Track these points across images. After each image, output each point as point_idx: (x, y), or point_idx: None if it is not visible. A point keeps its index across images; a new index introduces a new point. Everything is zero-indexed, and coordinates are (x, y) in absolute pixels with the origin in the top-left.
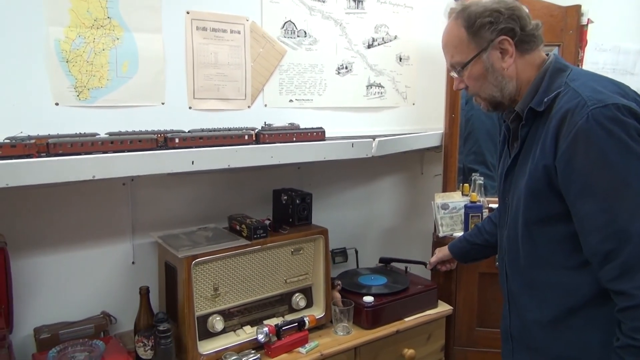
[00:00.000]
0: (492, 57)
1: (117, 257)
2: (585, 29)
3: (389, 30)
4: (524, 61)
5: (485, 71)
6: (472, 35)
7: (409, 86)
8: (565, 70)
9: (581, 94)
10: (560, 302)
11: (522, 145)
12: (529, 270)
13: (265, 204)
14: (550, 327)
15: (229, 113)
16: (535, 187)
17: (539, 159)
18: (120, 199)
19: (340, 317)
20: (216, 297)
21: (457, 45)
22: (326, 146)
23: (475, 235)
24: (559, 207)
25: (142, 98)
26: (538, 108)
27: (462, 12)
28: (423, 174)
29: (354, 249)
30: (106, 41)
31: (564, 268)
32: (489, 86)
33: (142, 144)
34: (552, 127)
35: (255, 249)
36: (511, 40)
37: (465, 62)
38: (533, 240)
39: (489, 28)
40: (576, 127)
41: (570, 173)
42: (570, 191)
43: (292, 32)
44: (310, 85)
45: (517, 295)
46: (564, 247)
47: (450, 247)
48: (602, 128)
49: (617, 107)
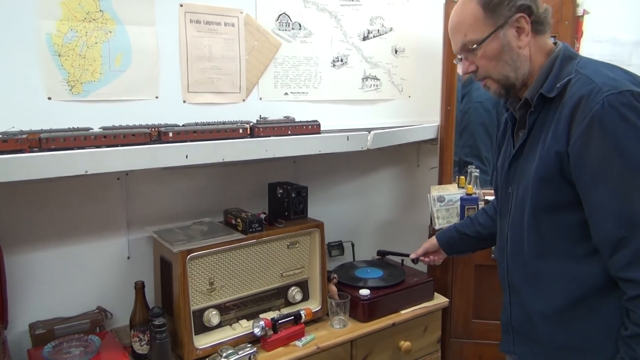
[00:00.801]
0: (509, 34)
1: (113, 252)
2: (580, 20)
3: (384, 22)
4: (536, 43)
5: (502, 49)
6: (489, 12)
7: (404, 79)
8: (575, 58)
9: (594, 80)
10: (564, 293)
11: (529, 133)
12: (533, 260)
13: (260, 197)
14: (554, 317)
15: (224, 107)
16: (546, 173)
17: (551, 145)
18: (115, 194)
19: (336, 310)
20: (212, 291)
21: (472, 23)
22: (321, 139)
23: (466, 226)
24: (569, 194)
25: (136, 92)
26: (549, 94)
27: None
28: (419, 166)
29: (350, 242)
30: (99, 34)
31: (569, 257)
32: (504, 65)
33: (135, 138)
34: (565, 113)
35: (250, 242)
36: (528, 18)
37: (482, 40)
38: (539, 229)
39: (508, 4)
40: (591, 113)
41: (584, 159)
42: (582, 177)
43: (286, 24)
44: (306, 78)
45: (519, 286)
46: (572, 236)
47: (438, 235)
48: (617, 114)
49: (632, 93)
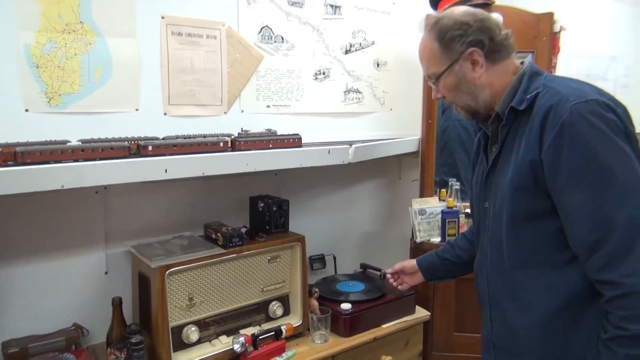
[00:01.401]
0: (464, 68)
1: (90, 267)
2: (558, 36)
3: (366, 35)
4: (495, 70)
5: (458, 82)
6: (443, 47)
7: (386, 92)
8: (541, 74)
9: (562, 91)
10: (546, 303)
11: (501, 147)
12: (513, 271)
13: (242, 211)
14: (536, 329)
15: (205, 119)
16: (521, 182)
17: (524, 154)
18: (93, 208)
19: (317, 325)
20: (191, 307)
21: (430, 58)
22: (302, 153)
23: (447, 251)
24: (545, 202)
25: (116, 104)
26: (520, 107)
27: (435, 25)
28: (401, 178)
29: (332, 255)
30: (78, 46)
31: (549, 266)
32: (463, 96)
33: (114, 151)
34: (536, 123)
35: (230, 257)
36: (480, 51)
37: (439, 74)
38: (518, 239)
39: (459, 40)
40: (561, 121)
41: (557, 165)
42: (556, 183)
43: (269, 37)
44: (288, 90)
45: (500, 299)
46: (550, 244)
47: (418, 260)
48: (585, 121)
49: (597, 102)
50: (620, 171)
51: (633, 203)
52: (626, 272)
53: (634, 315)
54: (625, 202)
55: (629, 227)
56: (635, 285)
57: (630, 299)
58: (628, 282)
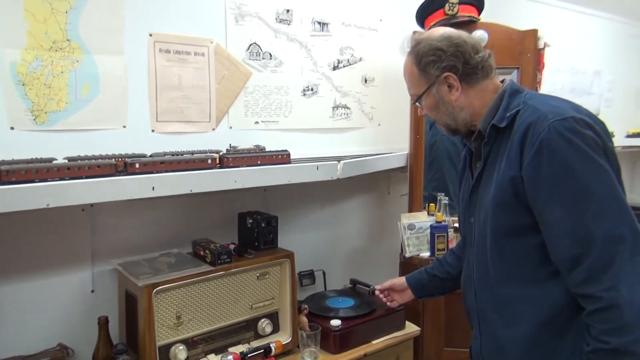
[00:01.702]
0: (441, 91)
1: (76, 286)
2: (542, 53)
3: (354, 52)
4: (473, 91)
5: (437, 103)
6: (421, 71)
7: (374, 107)
8: (521, 92)
9: (541, 108)
10: (532, 317)
11: (485, 163)
12: (499, 285)
13: (230, 227)
14: (523, 342)
15: (194, 135)
16: (503, 198)
17: (505, 171)
18: (79, 225)
19: (307, 342)
20: (179, 325)
21: (411, 80)
22: (291, 169)
23: (436, 268)
24: (527, 218)
25: (103, 121)
26: (501, 124)
27: (413, 49)
28: (390, 193)
29: (321, 270)
30: (65, 63)
31: (533, 281)
32: (442, 116)
33: (100, 169)
34: (516, 140)
35: (219, 274)
36: (455, 75)
37: (419, 95)
38: (502, 254)
39: (433, 66)
40: (539, 138)
41: (537, 182)
42: (537, 199)
43: (257, 54)
44: (276, 107)
45: (487, 313)
46: (533, 259)
47: (407, 277)
48: (563, 138)
49: (575, 119)
50: (597, 187)
51: (610, 218)
52: (606, 286)
53: (614, 329)
54: (603, 217)
55: (607, 241)
56: (615, 299)
57: (610, 312)
58: (608, 295)
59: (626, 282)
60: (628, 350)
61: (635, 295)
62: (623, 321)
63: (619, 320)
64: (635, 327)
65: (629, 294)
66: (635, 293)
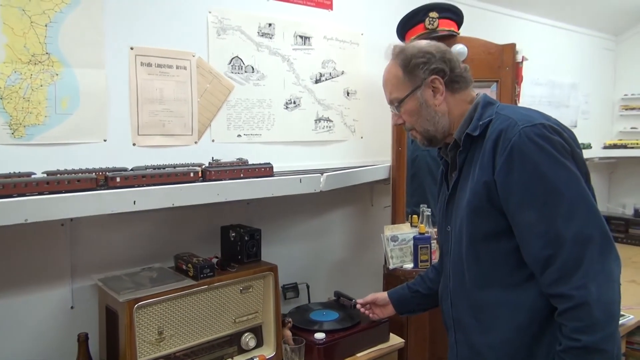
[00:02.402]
0: (425, 94)
1: (55, 302)
2: (520, 66)
3: (336, 65)
4: (454, 99)
5: (420, 107)
6: (407, 73)
7: (356, 120)
8: (494, 103)
9: (511, 116)
10: (508, 322)
11: (460, 172)
12: (475, 291)
13: (213, 241)
14: (501, 348)
15: (176, 149)
16: (477, 203)
17: (479, 176)
18: (59, 240)
19: (291, 355)
20: (161, 341)
21: (394, 83)
22: (274, 182)
23: (417, 284)
24: (501, 222)
25: (83, 135)
26: (474, 133)
27: (400, 53)
28: (373, 205)
29: (305, 283)
30: (44, 77)
31: (508, 285)
32: (423, 121)
33: (80, 184)
34: (488, 147)
35: (202, 289)
36: (441, 79)
37: (402, 98)
38: (478, 259)
39: (422, 68)
40: (510, 144)
41: (509, 185)
42: (509, 203)
43: (239, 67)
44: (259, 120)
45: (464, 321)
46: (509, 263)
47: (389, 293)
48: (533, 143)
49: (544, 125)
50: (567, 190)
51: (580, 219)
52: (576, 285)
53: (584, 327)
54: (572, 219)
55: (576, 242)
56: (585, 297)
57: (580, 310)
58: (578, 294)
59: (595, 281)
60: (598, 347)
61: (604, 294)
62: (593, 319)
63: (589, 318)
64: (604, 324)
65: (597, 292)
66: (603, 291)
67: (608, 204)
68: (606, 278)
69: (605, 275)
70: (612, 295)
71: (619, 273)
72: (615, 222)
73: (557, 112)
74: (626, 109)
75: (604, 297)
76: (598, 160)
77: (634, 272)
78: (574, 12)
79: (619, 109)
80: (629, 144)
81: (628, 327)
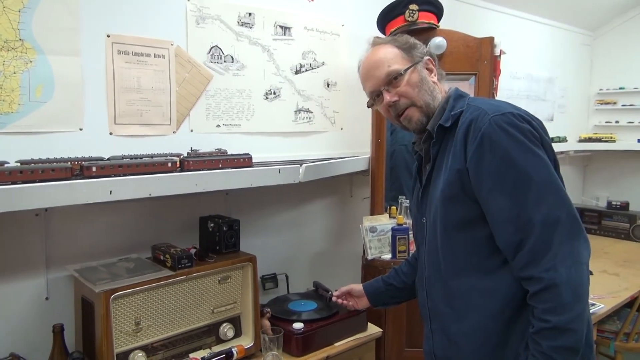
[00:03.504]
0: (423, 71)
1: (29, 293)
2: (498, 60)
3: (316, 56)
4: (439, 85)
5: (421, 80)
6: (405, 52)
7: (337, 111)
8: (464, 96)
9: (481, 107)
10: (483, 308)
11: (434, 164)
12: (450, 280)
13: (191, 231)
14: (475, 333)
15: (154, 139)
16: (451, 191)
17: (452, 165)
18: (33, 231)
19: (269, 345)
20: (138, 331)
21: (393, 58)
22: (253, 173)
23: (392, 277)
24: (474, 210)
25: (59, 124)
26: (446, 124)
27: (392, 40)
28: (352, 196)
29: (284, 274)
30: (18, 64)
31: (484, 272)
32: (424, 94)
33: (55, 173)
34: (460, 136)
35: (179, 279)
36: (434, 61)
37: (404, 69)
38: (452, 247)
39: (418, 49)
40: (481, 132)
41: (481, 173)
42: (482, 190)
43: (218, 57)
44: (238, 110)
45: (438, 310)
46: (483, 250)
47: (364, 285)
48: (502, 131)
49: (513, 114)
50: (536, 175)
51: (548, 203)
52: (545, 267)
53: (553, 308)
54: (541, 203)
55: (545, 226)
56: (554, 279)
57: (549, 292)
58: (547, 276)
59: (564, 264)
60: (567, 327)
61: (572, 275)
62: (562, 300)
63: (558, 299)
64: (573, 305)
65: (566, 274)
66: (572, 273)
67: (582, 196)
68: (574, 260)
69: (574, 258)
70: (581, 277)
71: (587, 255)
72: (588, 214)
73: (534, 106)
74: (601, 103)
75: (572, 279)
76: (573, 153)
77: (606, 262)
78: (552, 7)
79: (595, 103)
80: (603, 138)
81: (599, 316)
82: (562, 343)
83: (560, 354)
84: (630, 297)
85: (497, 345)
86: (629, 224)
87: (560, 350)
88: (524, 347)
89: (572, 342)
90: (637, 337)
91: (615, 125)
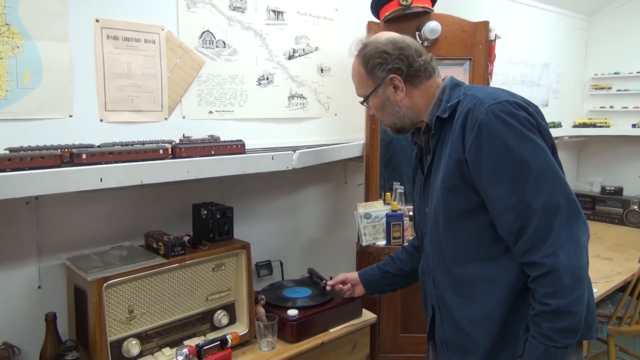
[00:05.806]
0: (387, 91)
1: (21, 282)
2: (493, 44)
3: (309, 41)
4: (418, 91)
5: (383, 103)
6: (368, 73)
7: (330, 97)
8: (460, 85)
9: (478, 96)
10: (488, 295)
11: (434, 155)
12: (455, 268)
13: (184, 219)
14: (483, 322)
15: (145, 125)
16: (451, 182)
17: (450, 155)
18: (24, 219)
19: (264, 332)
20: (131, 319)
21: (359, 80)
22: (246, 159)
23: (388, 264)
24: (474, 199)
25: (48, 110)
26: (443, 115)
27: (360, 52)
28: (347, 183)
29: (279, 261)
30: (5, 49)
31: (487, 259)
32: (388, 116)
33: (44, 160)
34: (457, 126)
35: (173, 267)
36: (400, 77)
37: (366, 96)
38: (455, 237)
39: (380, 68)
40: (478, 121)
41: (479, 162)
42: (481, 179)
43: (210, 42)
44: (231, 96)
45: (446, 298)
46: (485, 238)
47: (360, 273)
48: (499, 119)
49: (509, 102)
50: (534, 162)
51: (547, 189)
52: (546, 252)
53: (554, 291)
54: (540, 189)
55: (545, 211)
56: (554, 264)
57: (550, 276)
58: (548, 261)
59: (564, 248)
60: (567, 310)
61: (572, 260)
62: (562, 284)
63: (559, 283)
64: (572, 289)
65: (566, 259)
66: (572, 257)
67: (576, 181)
68: (574, 245)
69: (574, 242)
70: (580, 261)
71: (586, 239)
72: (583, 199)
73: (529, 91)
74: (596, 89)
75: (572, 263)
76: (568, 138)
77: (600, 247)
78: None
79: (589, 89)
80: (597, 123)
81: None
82: (562, 325)
83: (559, 335)
84: (623, 282)
85: (503, 329)
86: (623, 209)
87: (559, 331)
88: (523, 330)
89: (572, 324)
90: (629, 320)
91: (609, 110)
